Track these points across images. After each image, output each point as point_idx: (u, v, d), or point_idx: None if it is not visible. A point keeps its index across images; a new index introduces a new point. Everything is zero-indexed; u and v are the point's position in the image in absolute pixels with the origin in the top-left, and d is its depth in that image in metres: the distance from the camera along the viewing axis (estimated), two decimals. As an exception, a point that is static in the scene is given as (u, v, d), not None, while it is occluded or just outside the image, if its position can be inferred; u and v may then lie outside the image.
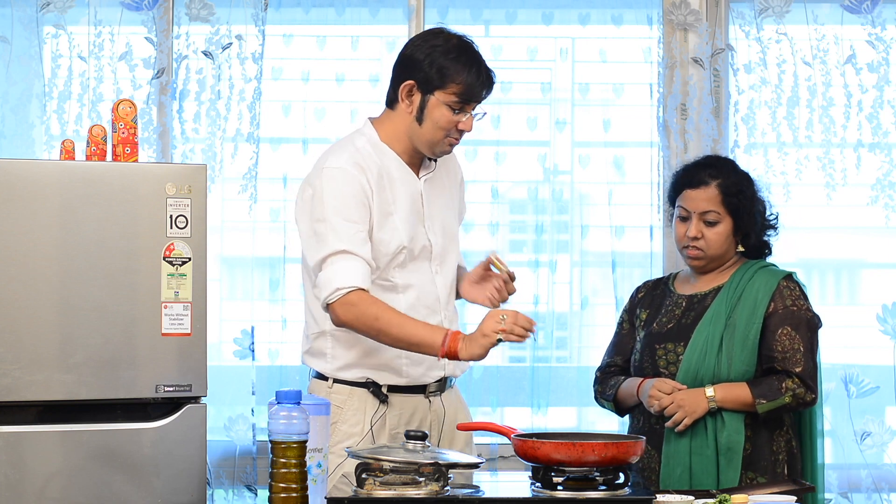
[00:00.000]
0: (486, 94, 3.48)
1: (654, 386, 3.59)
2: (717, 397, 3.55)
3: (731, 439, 3.55)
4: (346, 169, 3.41)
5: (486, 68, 3.46)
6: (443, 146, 3.48)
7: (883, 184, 4.75)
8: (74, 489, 3.56)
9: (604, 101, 4.87)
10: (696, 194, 3.69)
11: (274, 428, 2.77)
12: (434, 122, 3.43)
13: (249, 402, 4.73)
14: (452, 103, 3.42)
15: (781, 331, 3.60)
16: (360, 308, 3.33)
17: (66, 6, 4.72)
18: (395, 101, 3.48)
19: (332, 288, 3.35)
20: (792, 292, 3.66)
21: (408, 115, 3.46)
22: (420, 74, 3.42)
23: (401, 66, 3.49)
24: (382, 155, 3.48)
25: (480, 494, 2.97)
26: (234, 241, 4.80)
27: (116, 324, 3.59)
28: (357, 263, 3.36)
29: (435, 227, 3.55)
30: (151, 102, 4.74)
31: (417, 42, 3.49)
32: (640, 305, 3.83)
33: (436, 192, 3.57)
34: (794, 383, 3.56)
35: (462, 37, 3.48)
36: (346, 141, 3.53)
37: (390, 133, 3.50)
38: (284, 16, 4.80)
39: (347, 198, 3.39)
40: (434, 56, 3.42)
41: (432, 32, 3.52)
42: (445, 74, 3.41)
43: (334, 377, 3.48)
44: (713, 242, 3.68)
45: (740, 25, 4.79)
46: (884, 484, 4.73)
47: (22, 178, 3.55)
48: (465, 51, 3.44)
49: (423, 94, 3.43)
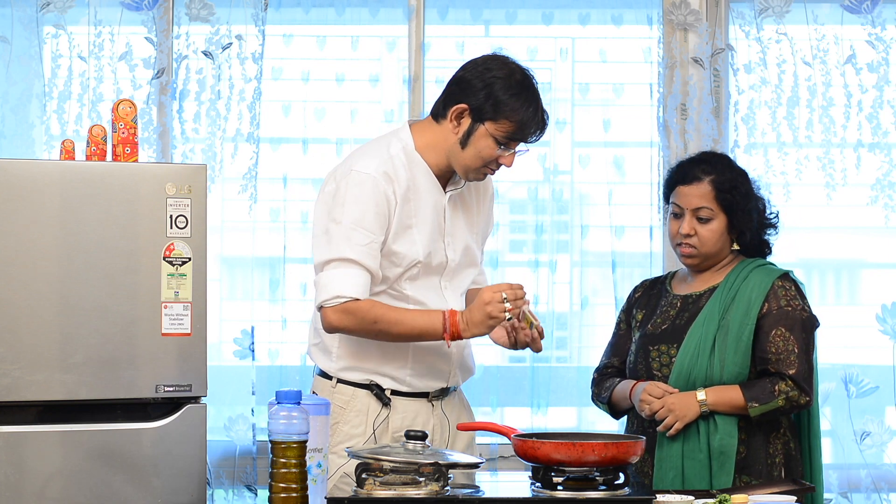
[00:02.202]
0: (538, 137, 3.40)
1: (644, 390, 3.55)
2: (708, 401, 3.50)
3: (724, 443, 3.49)
4: (374, 177, 3.35)
5: (542, 110, 3.37)
6: (477, 174, 3.42)
7: (883, 184, 4.75)
8: (74, 489, 3.56)
9: (604, 101, 4.87)
10: (688, 190, 3.63)
11: (274, 428, 2.77)
12: (477, 150, 3.37)
13: (249, 402, 4.73)
14: (500, 137, 3.34)
15: (775, 332, 3.54)
16: (358, 315, 3.33)
17: (66, 6, 4.72)
18: (443, 117, 3.40)
19: (332, 293, 3.33)
20: (787, 292, 3.59)
21: (452, 135, 3.38)
22: (475, 101, 3.34)
23: (457, 86, 3.40)
24: (414, 165, 3.42)
25: (480, 494, 2.97)
26: (234, 241, 4.80)
27: (116, 324, 3.59)
28: (359, 273, 3.34)
29: (455, 243, 3.50)
30: (151, 102, 4.74)
31: (479, 67, 3.38)
32: (637, 306, 3.78)
33: (460, 208, 3.52)
34: (788, 386, 3.50)
35: (525, 71, 3.38)
36: (382, 144, 3.46)
37: (428, 144, 3.43)
38: (284, 16, 4.80)
39: (368, 206, 3.35)
40: (494, 87, 3.33)
41: (496, 59, 3.41)
42: (500, 109, 3.32)
43: (338, 377, 3.48)
44: (706, 240, 3.61)
45: (740, 25, 4.79)
46: (883, 484, 4.73)
47: (22, 178, 3.55)
48: (525, 88, 3.35)
49: (474, 121, 3.35)
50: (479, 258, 3.62)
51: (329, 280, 3.34)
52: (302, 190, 4.78)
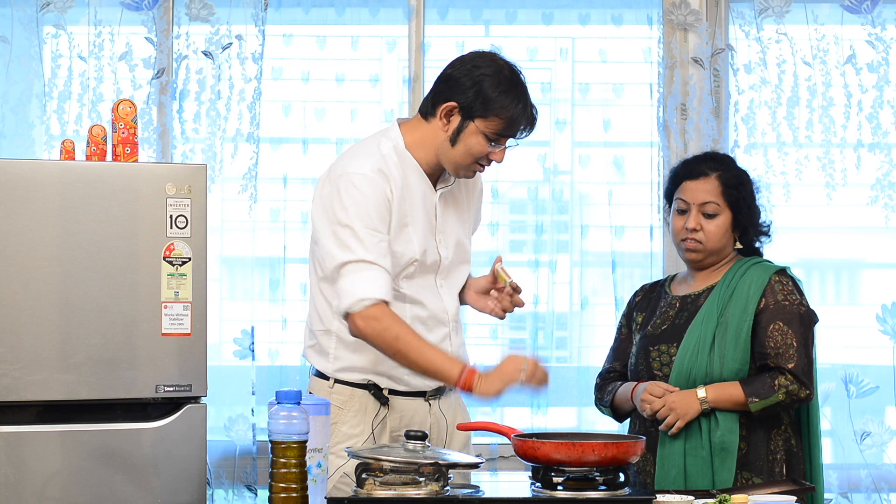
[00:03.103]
0: (528, 132, 3.39)
1: (645, 390, 3.56)
2: (708, 398, 3.50)
3: (725, 439, 3.50)
4: (370, 176, 3.34)
5: (531, 106, 3.37)
6: (468, 171, 3.42)
7: (883, 184, 4.75)
8: (74, 489, 3.56)
9: (604, 101, 4.87)
10: (695, 185, 3.64)
11: (274, 428, 2.77)
12: (467, 147, 3.36)
13: (249, 402, 4.73)
14: (490, 134, 3.34)
15: (773, 326, 3.54)
16: (383, 324, 3.27)
17: (66, 6, 4.72)
18: (432, 115, 3.40)
19: (356, 298, 3.27)
20: (784, 287, 3.59)
21: (441, 133, 3.37)
22: (463, 99, 3.33)
23: (445, 84, 3.39)
24: (405, 164, 3.41)
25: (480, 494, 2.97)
26: (234, 241, 4.80)
27: (116, 324, 3.59)
28: (380, 274, 3.29)
29: (447, 241, 3.50)
30: (151, 102, 4.74)
31: (467, 64, 3.38)
32: (637, 309, 3.78)
33: (450, 205, 3.52)
34: (788, 380, 3.50)
35: (513, 67, 3.38)
36: (372, 144, 3.45)
37: (417, 142, 3.42)
38: (284, 16, 4.80)
39: (370, 206, 3.32)
40: (483, 85, 3.32)
41: (484, 57, 3.40)
42: (490, 106, 3.32)
43: (335, 377, 3.47)
44: (712, 235, 3.61)
45: (740, 25, 4.79)
46: (883, 484, 4.73)
47: (22, 178, 3.55)
48: (514, 85, 3.35)
49: (463, 118, 3.34)
50: (470, 252, 3.61)
51: (350, 285, 3.28)
52: (302, 190, 4.78)
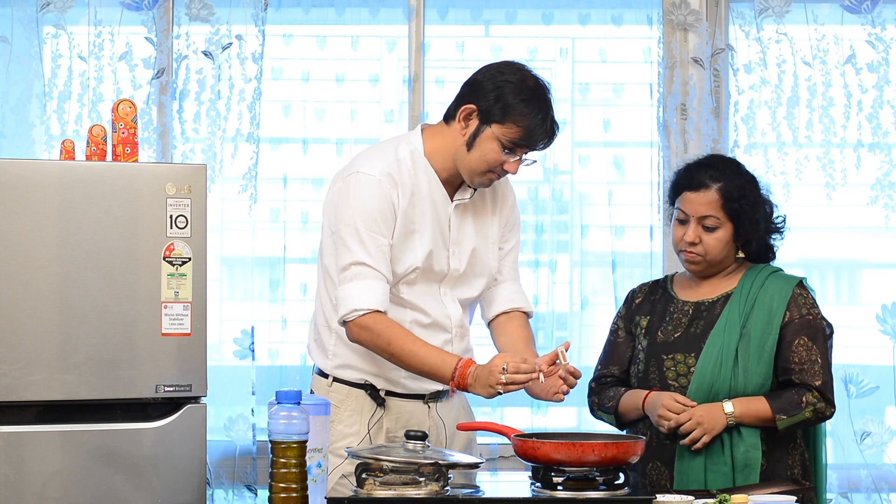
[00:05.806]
0: (545, 146, 3.39)
1: (663, 405, 3.41)
2: (736, 413, 3.39)
3: (749, 455, 3.40)
4: (378, 179, 3.35)
5: (552, 119, 3.36)
6: (482, 179, 3.40)
7: (883, 184, 4.75)
8: (74, 489, 3.56)
9: (604, 101, 4.87)
10: (695, 197, 3.51)
11: (274, 428, 2.77)
12: (482, 153, 3.35)
13: (249, 402, 4.73)
14: (506, 142, 3.33)
15: (798, 341, 3.45)
16: (375, 332, 3.31)
17: (66, 6, 4.72)
18: (453, 118, 3.40)
19: (350, 308, 3.32)
20: (806, 300, 3.51)
21: (459, 137, 3.38)
22: (484, 103, 3.34)
23: (468, 87, 3.40)
24: (420, 171, 3.41)
25: (480, 494, 2.97)
26: (234, 241, 4.80)
27: (116, 324, 3.59)
28: (375, 283, 3.33)
29: (461, 253, 3.48)
30: (151, 102, 4.74)
31: (493, 70, 3.39)
32: (639, 312, 3.64)
33: (469, 217, 3.50)
34: (815, 397, 3.42)
35: (539, 80, 3.38)
36: (390, 147, 3.46)
37: (437, 148, 3.43)
38: (284, 16, 4.80)
39: (374, 208, 3.34)
40: (504, 90, 3.33)
41: (511, 65, 3.41)
42: (508, 113, 3.32)
43: (333, 375, 3.48)
44: (711, 248, 3.51)
45: (740, 25, 4.79)
46: (884, 484, 4.73)
47: (22, 178, 3.55)
48: (536, 96, 3.34)
49: (481, 122, 3.34)
50: (492, 267, 3.56)
51: (347, 294, 3.33)
52: (302, 190, 4.78)
